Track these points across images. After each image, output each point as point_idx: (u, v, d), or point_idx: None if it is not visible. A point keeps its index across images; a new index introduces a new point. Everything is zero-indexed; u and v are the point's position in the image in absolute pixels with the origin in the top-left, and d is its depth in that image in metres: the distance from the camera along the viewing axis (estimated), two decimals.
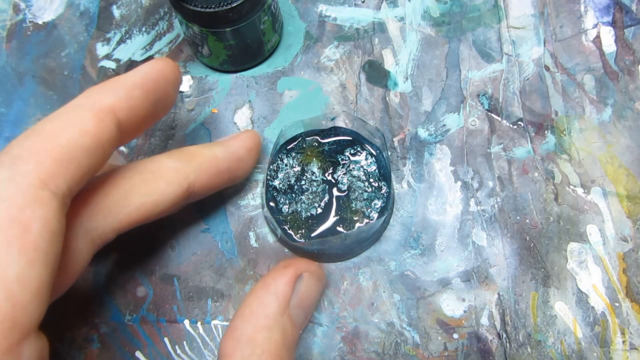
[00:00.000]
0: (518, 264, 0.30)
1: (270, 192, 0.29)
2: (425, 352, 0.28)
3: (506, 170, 0.31)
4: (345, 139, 0.30)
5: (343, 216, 0.29)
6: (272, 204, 0.29)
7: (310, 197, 0.29)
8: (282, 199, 0.29)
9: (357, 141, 0.30)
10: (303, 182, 0.29)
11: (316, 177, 0.30)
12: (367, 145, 0.30)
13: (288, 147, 0.30)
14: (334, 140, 0.30)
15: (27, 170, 0.17)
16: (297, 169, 0.30)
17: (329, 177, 0.30)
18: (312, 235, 0.28)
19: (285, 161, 0.30)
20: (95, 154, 0.19)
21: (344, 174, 0.30)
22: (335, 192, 0.29)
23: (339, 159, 0.30)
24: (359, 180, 0.29)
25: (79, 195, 0.20)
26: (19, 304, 0.16)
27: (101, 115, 0.20)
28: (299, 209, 0.29)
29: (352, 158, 0.30)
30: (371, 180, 0.29)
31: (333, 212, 0.29)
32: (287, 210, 0.29)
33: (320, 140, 0.30)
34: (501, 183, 0.31)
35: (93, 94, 0.21)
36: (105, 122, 0.20)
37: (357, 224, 0.29)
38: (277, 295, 0.23)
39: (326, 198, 0.29)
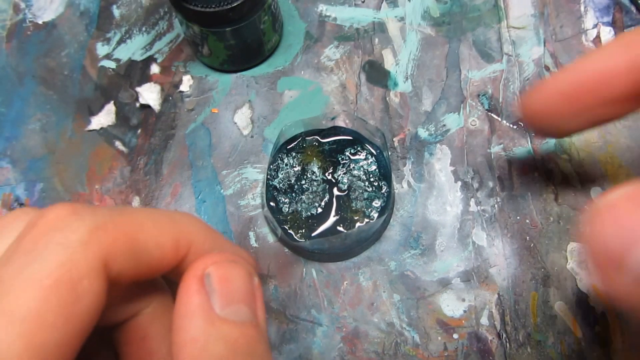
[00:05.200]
0: (518, 264, 0.30)
1: (271, 192, 0.29)
2: (425, 352, 0.28)
3: (506, 170, 0.31)
4: (345, 139, 0.30)
5: (343, 216, 0.29)
6: (272, 203, 0.29)
7: (311, 196, 0.29)
8: (282, 199, 0.29)
9: (357, 141, 0.30)
10: (303, 182, 0.29)
11: (316, 176, 0.30)
12: (367, 145, 0.30)
13: (288, 147, 0.30)
14: (334, 140, 0.30)
15: (101, 243, 0.17)
16: (297, 168, 0.30)
17: (329, 177, 0.30)
18: (313, 234, 0.28)
19: (285, 161, 0.30)
20: (155, 267, 0.19)
21: (344, 173, 0.30)
22: (335, 191, 0.29)
23: (339, 159, 0.30)
24: (359, 179, 0.29)
25: None
26: None
27: (180, 247, 0.20)
28: (299, 209, 0.29)
29: (352, 157, 0.30)
30: (371, 179, 0.29)
31: (333, 212, 0.29)
32: (287, 209, 0.29)
33: (321, 140, 0.30)
34: (501, 183, 0.31)
35: (187, 224, 0.21)
36: (179, 254, 0.20)
37: (358, 224, 0.29)
38: (190, 311, 0.19)
39: (326, 197, 0.29)
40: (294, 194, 0.29)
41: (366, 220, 0.29)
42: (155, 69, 0.34)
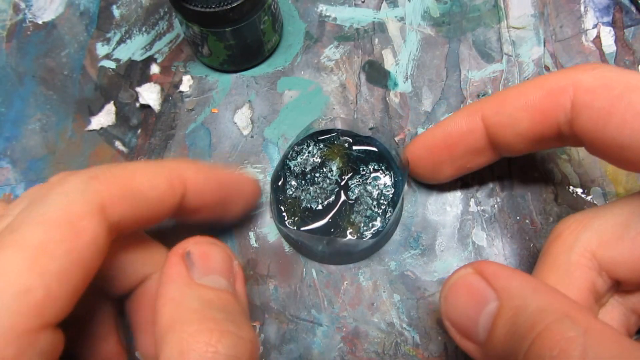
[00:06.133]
0: (518, 264, 0.30)
1: (284, 170, 0.29)
2: (425, 352, 0.28)
3: (506, 170, 0.31)
4: (374, 152, 0.30)
5: (339, 222, 0.29)
6: (280, 182, 0.29)
7: (318, 191, 0.29)
8: (291, 181, 0.29)
9: (385, 160, 0.30)
10: (317, 175, 0.29)
11: (332, 175, 0.29)
12: (392, 168, 0.29)
13: (319, 137, 0.30)
14: (365, 150, 0.30)
15: (97, 190, 0.19)
16: (318, 160, 0.30)
17: (343, 181, 0.29)
18: (303, 227, 0.28)
19: (310, 148, 0.30)
20: (156, 209, 0.22)
21: (359, 184, 0.29)
22: (342, 197, 0.29)
23: (361, 169, 0.30)
24: (370, 196, 0.29)
25: None
26: (51, 295, 0.17)
27: (175, 184, 0.22)
28: (302, 197, 0.29)
29: (372, 173, 0.30)
30: (381, 201, 0.29)
31: (331, 214, 0.29)
32: (290, 193, 0.29)
33: (352, 144, 0.30)
34: (501, 183, 0.31)
35: (177, 164, 0.23)
36: (176, 191, 0.22)
37: (349, 236, 0.28)
38: (170, 279, 0.21)
39: (331, 199, 0.29)
40: (303, 182, 0.29)
41: (357, 235, 0.28)
42: (155, 69, 0.34)
